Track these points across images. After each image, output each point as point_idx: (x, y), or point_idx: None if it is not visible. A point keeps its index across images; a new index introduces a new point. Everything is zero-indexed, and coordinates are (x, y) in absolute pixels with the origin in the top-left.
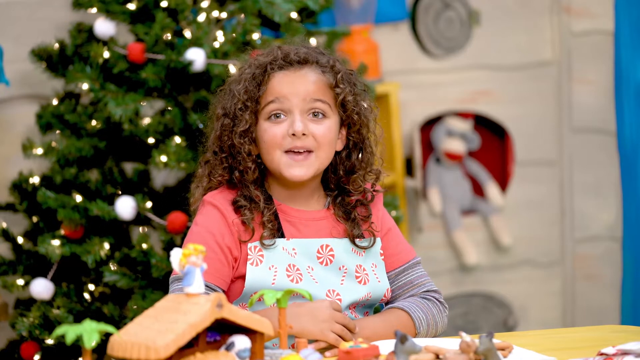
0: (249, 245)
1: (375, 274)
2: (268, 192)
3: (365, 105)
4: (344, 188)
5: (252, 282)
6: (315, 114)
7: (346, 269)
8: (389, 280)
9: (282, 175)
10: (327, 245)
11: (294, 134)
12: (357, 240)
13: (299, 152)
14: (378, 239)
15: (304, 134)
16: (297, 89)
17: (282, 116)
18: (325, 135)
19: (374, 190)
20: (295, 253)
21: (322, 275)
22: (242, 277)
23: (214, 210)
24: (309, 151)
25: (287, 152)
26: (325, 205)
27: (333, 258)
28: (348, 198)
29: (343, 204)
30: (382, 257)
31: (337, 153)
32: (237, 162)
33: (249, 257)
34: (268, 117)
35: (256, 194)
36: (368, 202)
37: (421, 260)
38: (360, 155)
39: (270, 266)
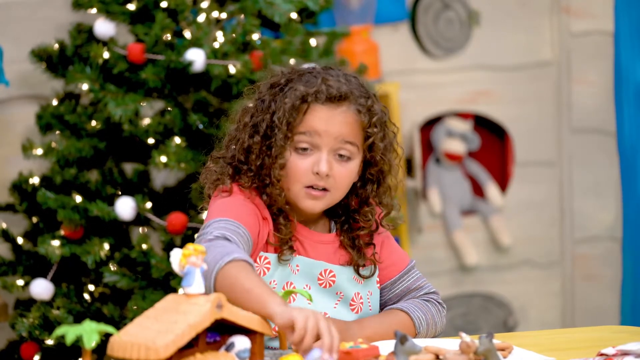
0: (260, 253)
1: (369, 302)
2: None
3: (391, 150)
4: (351, 215)
5: None
6: (341, 155)
7: (342, 295)
8: (385, 289)
9: (297, 205)
10: (330, 271)
11: (317, 173)
12: (360, 270)
13: (318, 189)
14: (377, 268)
15: (327, 175)
16: (331, 128)
17: (309, 150)
18: (346, 178)
19: (380, 224)
20: (298, 270)
21: (317, 297)
22: None
23: (250, 202)
24: (327, 189)
25: (306, 187)
26: (330, 229)
27: (333, 283)
28: (355, 225)
29: (349, 231)
30: (378, 284)
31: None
32: (263, 183)
33: (255, 265)
34: (295, 147)
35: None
36: (373, 231)
37: (416, 263)
38: (375, 188)
39: (271, 280)
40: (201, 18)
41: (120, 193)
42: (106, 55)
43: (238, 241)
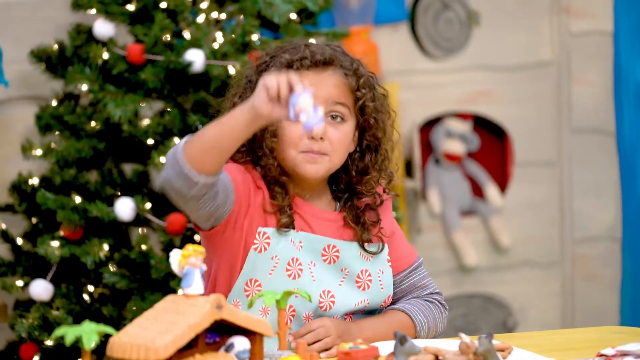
0: (259, 229)
1: (380, 281)
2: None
3: (383, 110)
4: (354, 189)
5: (251, 269)
6: (333, 117)
7: (348, 271)
8: (393, 284)
9: (296, 171)
10: (334, 246)
11: (312, 137)
12: (365, 245)
13: (315, 152)
14: (386, 245)
15: (321, 138)
16: (320, 91)
17: None
18: (342, 141)
19: (384, 191)
20: (301, 247)
21: (322, 274)
22: (236, 261)
23: (242, 169)
24: (324, 154)
25: (302, 152)
26: (336, 208)
27: (337, 259)
28: (358, 201)
29: (353, 207)
30: (389, 263)
31: (349, 154)
32: (256, 156)
33: (255, 242)
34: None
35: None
36: (377, 206)
37: (423, 261)
38: (374, 157)
39: (273, 255)
40: (201, 19)
41: (119, 194)
42: (106, 55)
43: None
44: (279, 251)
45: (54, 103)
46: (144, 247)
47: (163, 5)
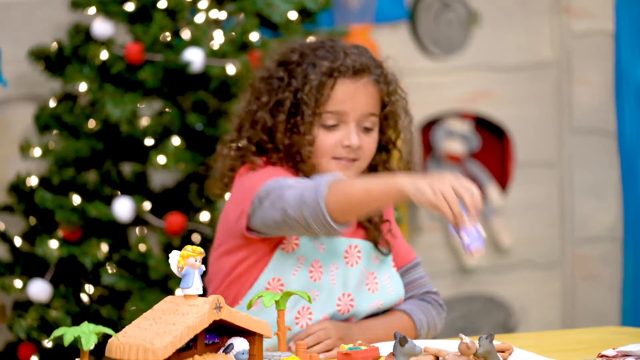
0: None
1: (389, 285)
2: None
3: (402, 114)
4: None
5: (275, 267)
6: (366, 128)
7: (364, 273)
8: None
9: None
10: (355, 246)
11: (348, 146)
12: (379, 246)
13: (348, 159)
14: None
15: (358, 147)
16: (357, 103)
17: (336, 124)
18: (372, 148)
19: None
20: (323, 249)
21: (343, 277)
22: (262, 259)
23: (290, 175)
24: (356, 159)
25: (335, 158)
26: None
27: (359, 259)
28: None
29: None
30: (394, 267)
31: None
32: (294, 161)
33: (284, 241)
34: (323, 123)
35: None
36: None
37: (421, 261)
38: (385, 155)
39: (299, 257)
40: (200, 18)
41: (118, 194)
42: (104, 55)
43: None
44: (304, 253)
45: (53, 103)
46: (142, 247)
47: (162, 4)
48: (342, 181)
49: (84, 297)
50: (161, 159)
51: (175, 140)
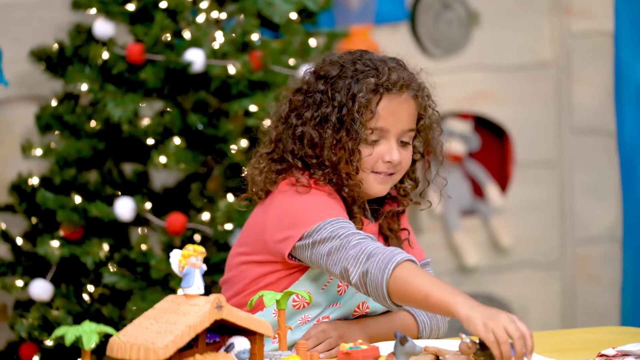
0: None
1: None
2: None
3: (434, 128)
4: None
5: (306, 280)
6: (403, 142)
7: None
8: None
9: (367, 191)
10: None
11: (389, 161)
12: None
13: (386, 174)
14: None
15: (398, 162)
16: (398, 119)
17: (378, 140)
18: (409, 161)
19: (408, 199)
20: None
21: None
22: (296, 272)
23: (332, 197)
24: (393, 174)
25: (374, 172)
26: (371, 219)
27: None
28: (382, 208)
29: (381, 215)
30: None
31: None
32: (340, 177)
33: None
34: (365, 138)
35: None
36: (400, 213)
37: (431, 261)
38: (412, 165)
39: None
40: (200, 18)
41: (119, 194)
42: (105, 55)
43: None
44: None
45: (54, 103)
46: (144, 247)
47: (163, 4)
48: (406, 270)
49: (85, 297)
50: (162, 159)
51: (176, 140)
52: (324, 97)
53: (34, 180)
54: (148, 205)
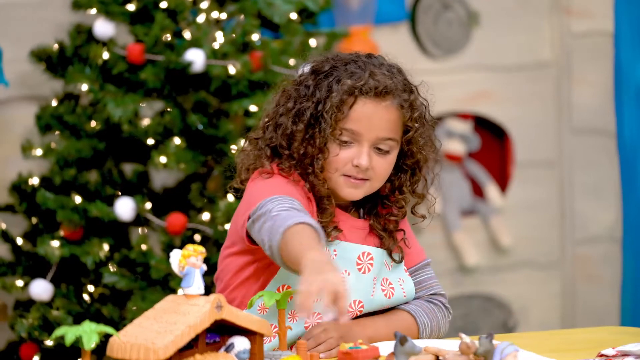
0: None
1: (402, 289)
2: None
3: (429, 143)
4: (381, 201)
5: (285, 275)
6: (379, 149)
7: (376, 279)
8: None
9: (336, 193)
10: (368, 253)
11: (357, 166)
12: (392, 254)
13: (357, 178)
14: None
15: (366, 168)
16: (373, 125)
17: (349, 142)
18: (386, 169)
19: (412, 212)
20: (335, 255)
21: (355, 284)
22: (272, 265)
23: (294, 184)
24: (366, 180)
25: (344, 175)
26: (360, 215)
27: (372, 267)
28: (383, 211)
29: (378, 215)
30: (407, 272)
31: None
32: (305, 171)
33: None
34: (338, 139)
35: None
36: (401, 218)
37: (431, 262)
38: (410, 177)
39: None
40: (201, 18)
41: (119, 194)
42: (106, 55)
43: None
44: None
45: (54, 103)
46: (144, 247)
47: (163, 5)
48: (294, 233)
49: (86, 297)
50: (162, 159)
51: (176, 141)
52: (308, 91)
53: (34, 180)
54: (148, 205)
